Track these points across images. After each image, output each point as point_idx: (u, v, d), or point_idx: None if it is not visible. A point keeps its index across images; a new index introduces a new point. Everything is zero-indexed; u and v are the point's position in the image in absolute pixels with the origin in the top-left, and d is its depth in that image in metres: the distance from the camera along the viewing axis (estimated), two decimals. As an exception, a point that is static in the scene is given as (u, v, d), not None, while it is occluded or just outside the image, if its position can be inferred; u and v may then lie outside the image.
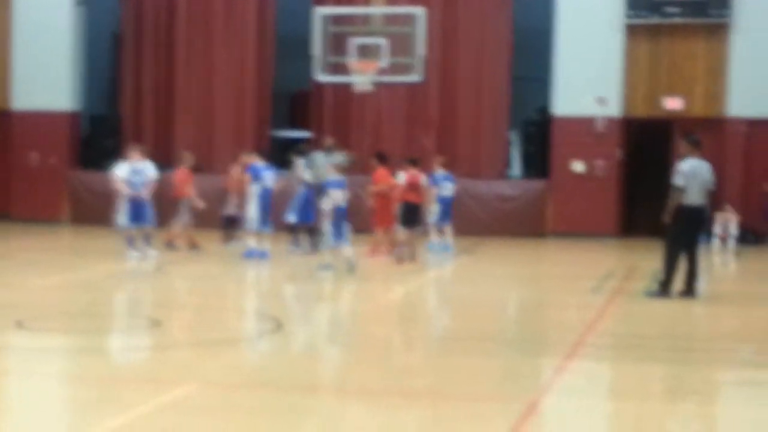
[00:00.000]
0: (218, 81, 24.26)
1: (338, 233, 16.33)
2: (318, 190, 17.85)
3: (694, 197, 14.07)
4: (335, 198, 16.42)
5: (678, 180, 14.06)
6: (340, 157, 20.11)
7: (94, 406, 8.68)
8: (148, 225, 17.64)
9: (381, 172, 18.85)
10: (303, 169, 18.85)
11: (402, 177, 18.22)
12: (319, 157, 19.79)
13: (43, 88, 23.98)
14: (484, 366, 10.37)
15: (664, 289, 14.24)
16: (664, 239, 14.53)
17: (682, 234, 14.15)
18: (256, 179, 17.86)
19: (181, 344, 11.38)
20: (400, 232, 17.98)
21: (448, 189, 19.34)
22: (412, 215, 18.02)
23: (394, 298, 14.89)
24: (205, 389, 9.13)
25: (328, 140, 20.97)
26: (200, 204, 18.77)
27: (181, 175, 18.99)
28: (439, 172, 19.41)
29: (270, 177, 18.07)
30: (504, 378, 9.93)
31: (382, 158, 19.22)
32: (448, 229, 19.32)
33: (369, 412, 8.75)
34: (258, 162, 18.17)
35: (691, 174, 14.03)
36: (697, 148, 14.35)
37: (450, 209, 19.40)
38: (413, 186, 18.14)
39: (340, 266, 16.17)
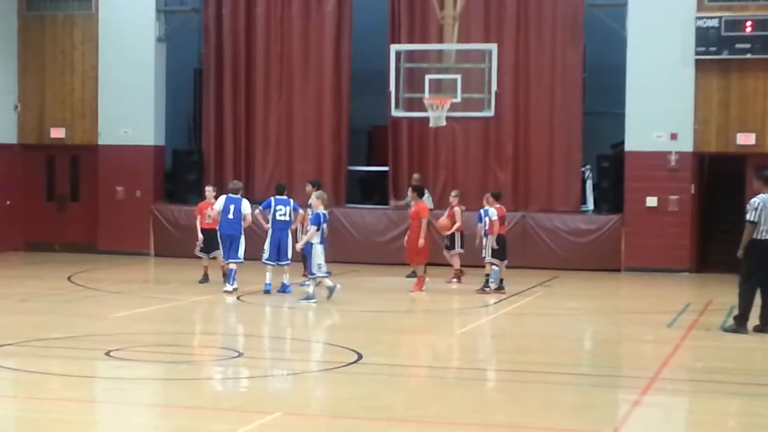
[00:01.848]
0: (296, 116, 24.57)
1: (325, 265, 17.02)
2: None
3: (767, 232, 14.11)
4: (324, 232, 16.90)
5: (750, 215, 14.12)
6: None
7: (181, 435, 8.95)
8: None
9: (422, 205, 18.90)
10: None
11: (494, 212, 18.38)
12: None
13: (128, 123, 24.41)
14: (561, 399, 10.48)
15: (739, 324, 14.26)
16: (739, 274, 14.58)
17: (756, 269, 14.17)
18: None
19: (263, 374, 11.65)
20: (499, 265, 18.43)
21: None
22: (504, 247, 18.46)
23: (470, 331, 15.04)
24: (287, 419, 9.32)
25: (416, 176, 21.42)
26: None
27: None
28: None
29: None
30: (581, 411, 10.00)
31: (420, 191, 19.27)
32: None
33: (449, 442, 8.92)
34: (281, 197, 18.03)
35: (763, 209, 14.08)
36: (768, 183, 14.40)
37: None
38: (502, 220, 18.48)
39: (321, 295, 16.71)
